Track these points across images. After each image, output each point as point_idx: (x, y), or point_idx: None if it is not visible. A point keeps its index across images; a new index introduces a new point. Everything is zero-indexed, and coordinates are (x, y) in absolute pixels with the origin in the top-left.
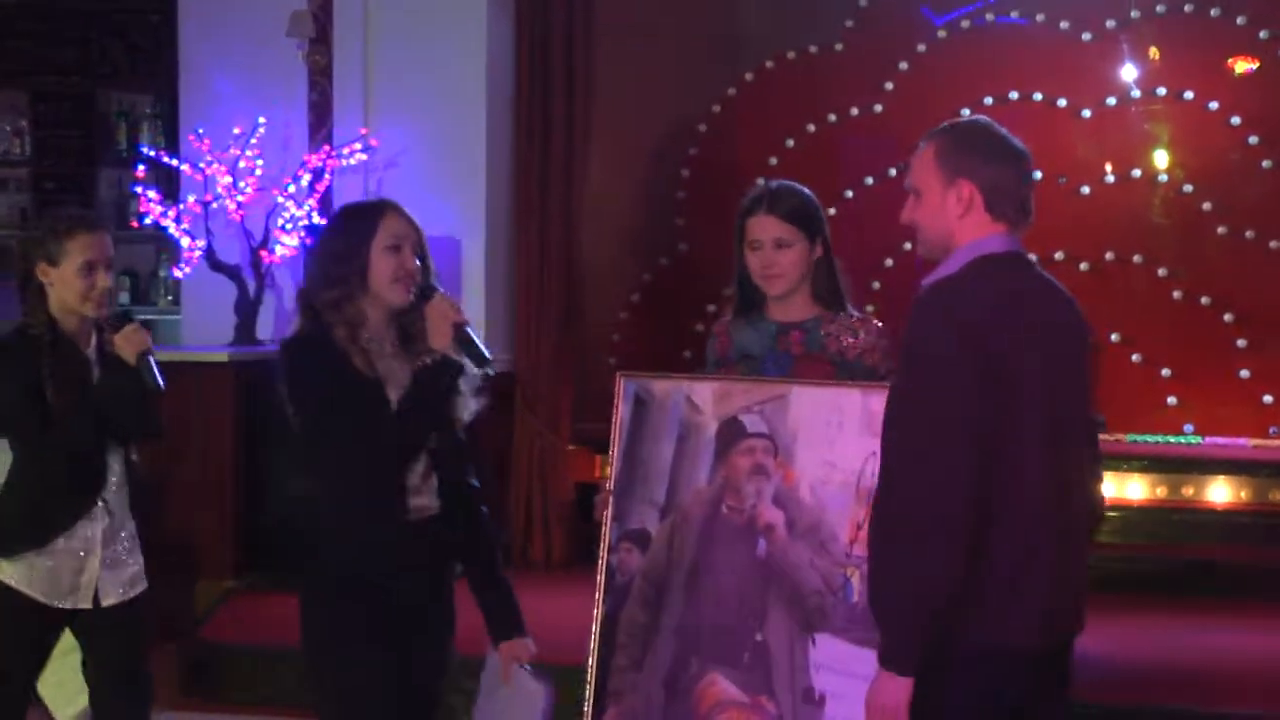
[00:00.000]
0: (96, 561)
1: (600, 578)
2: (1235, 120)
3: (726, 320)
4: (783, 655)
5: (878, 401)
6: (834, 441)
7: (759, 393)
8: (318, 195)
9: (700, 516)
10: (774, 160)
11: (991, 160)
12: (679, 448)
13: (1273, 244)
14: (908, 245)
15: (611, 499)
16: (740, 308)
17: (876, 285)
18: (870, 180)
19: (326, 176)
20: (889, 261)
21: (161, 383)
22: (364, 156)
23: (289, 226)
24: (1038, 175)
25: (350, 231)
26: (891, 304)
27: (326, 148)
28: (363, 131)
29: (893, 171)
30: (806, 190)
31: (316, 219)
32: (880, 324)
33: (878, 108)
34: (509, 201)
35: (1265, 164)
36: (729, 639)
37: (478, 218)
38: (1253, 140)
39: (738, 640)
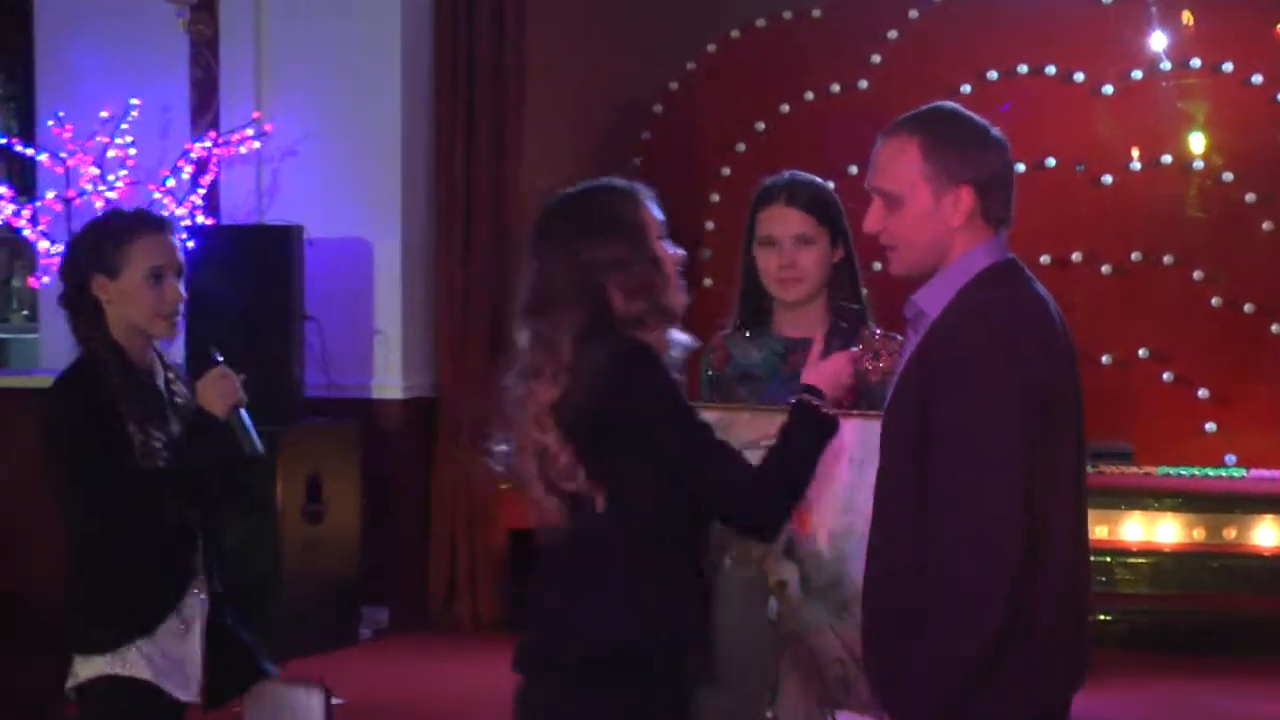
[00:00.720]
0: (198, 644)
1: None
2: None
3: (725, 333)
4: None
5: None
6: (857, 484)
7: (765, 424)
8: (202, 190)
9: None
10: (741, 146)
11: (984, 156)
12: None
13: None
14: (876, 266)
15: None
16: (743, 319)
17: (863, 292)
18: (855, 169)
19: (212, 168)
20: (877, 265)
21: (260, 446)
22: (256, 144)
23: None
24: (1051, 162)
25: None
26: (881, 314)
27: (212, 134)
28: (255, 115)
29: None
30: (825, 183)
31: (201, 218)
32: (900, 337)
33: (863, 84)
34: (429, 197)
35: None
36: (735, 718)
37: (392, 216)
38: None
39: (746, 717)
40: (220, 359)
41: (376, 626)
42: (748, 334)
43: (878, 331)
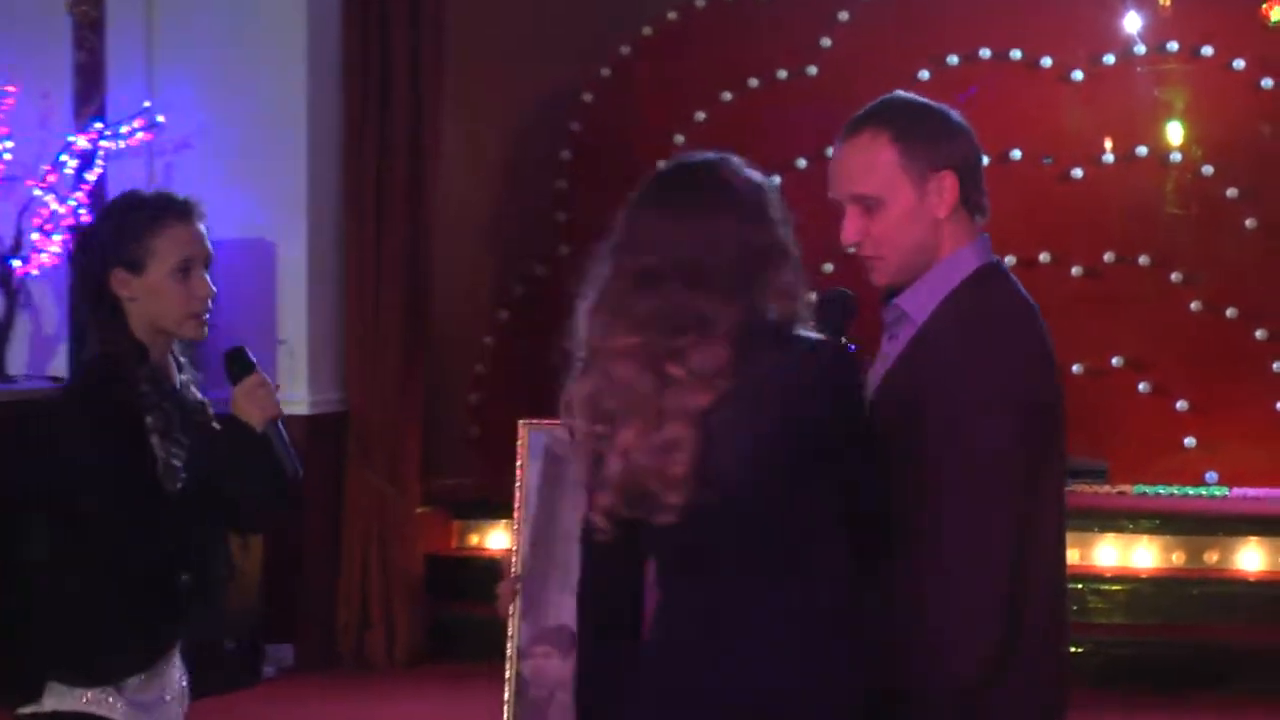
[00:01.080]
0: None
1: (507, 693)
2: (1266, 83)
3: None
4: None
5: None
6: None
7: None
8: (86, 187)
9: None
10: (680, 138)
11: (955, 140)
12: None
13: None
14: (853, 248)
15: (520, 588)
16: None
17: (812, 297)
18: (803, 162)
19: (98, 162)
20: (829, 267)
21: (299, 466)
22: (147, 136)
23: (49, 227)
24: (1016, 154)
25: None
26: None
27: (98, 125)
28: (146, 104)
29: (831, 151)
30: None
31: (86, 216)
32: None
33: (812, 70)
34: (338, 195)
35: None
36: None
37: (297, 215)
38: None
39: None
40: (256, 363)
41: (281, 664)
42: None
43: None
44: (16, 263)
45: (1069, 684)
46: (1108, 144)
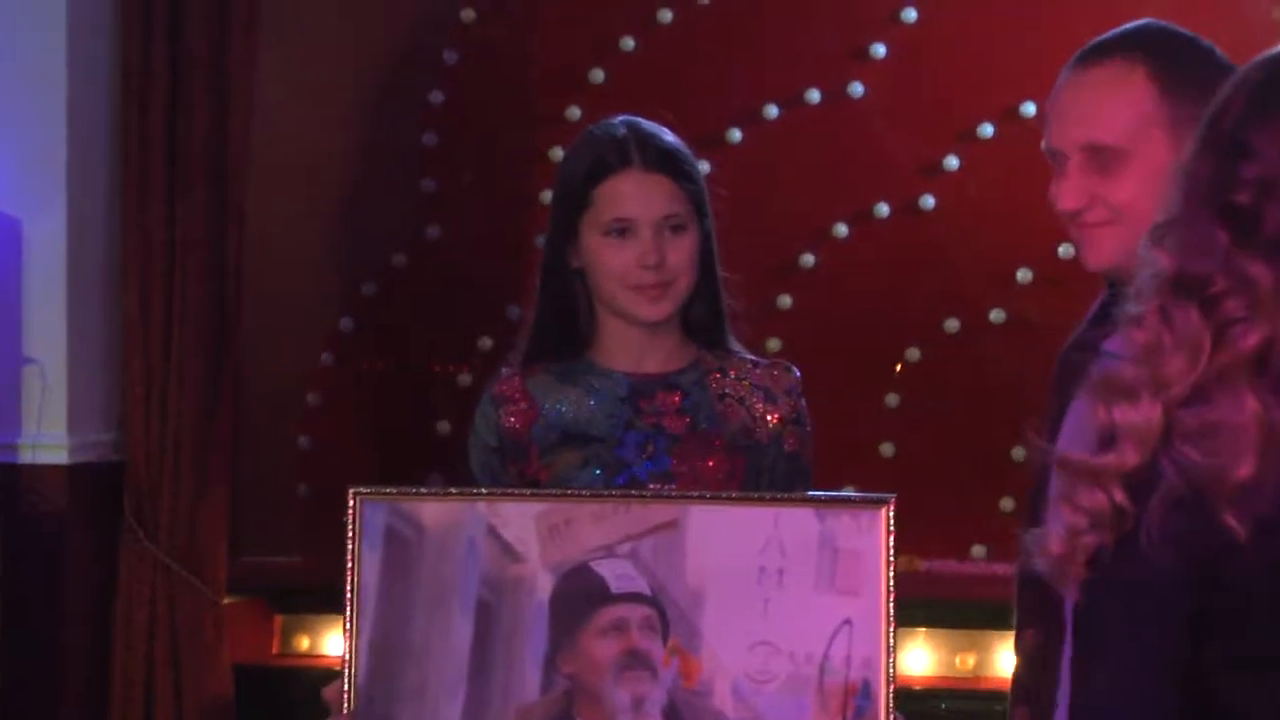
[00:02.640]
0: None
1: None
2: None
3: (515, 373)
4: None
5: (849, 531)
6: (771, 604)
7: (626, 519)
8: None
9: None
10: (599, 74)
11: (1225, 81)
12: (483, 627)
13: None
14: (842, 229)
15: None
16: (543, 348)
17: (786, 302)
18: (773, 111)
19: None
20: (809, 258)
21: None
22: None
23: None
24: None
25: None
26: (816, 339)
27: None
28: None
29: (814, 95)
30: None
31: None
32: (798, 372)
33: None
34: (109, 163)
35: None
36: None
37: (53, 186)
38: None
39: None
40: None
41: None
42: (557, 374)
43: (750, 356)
44: None
45: None
46: None
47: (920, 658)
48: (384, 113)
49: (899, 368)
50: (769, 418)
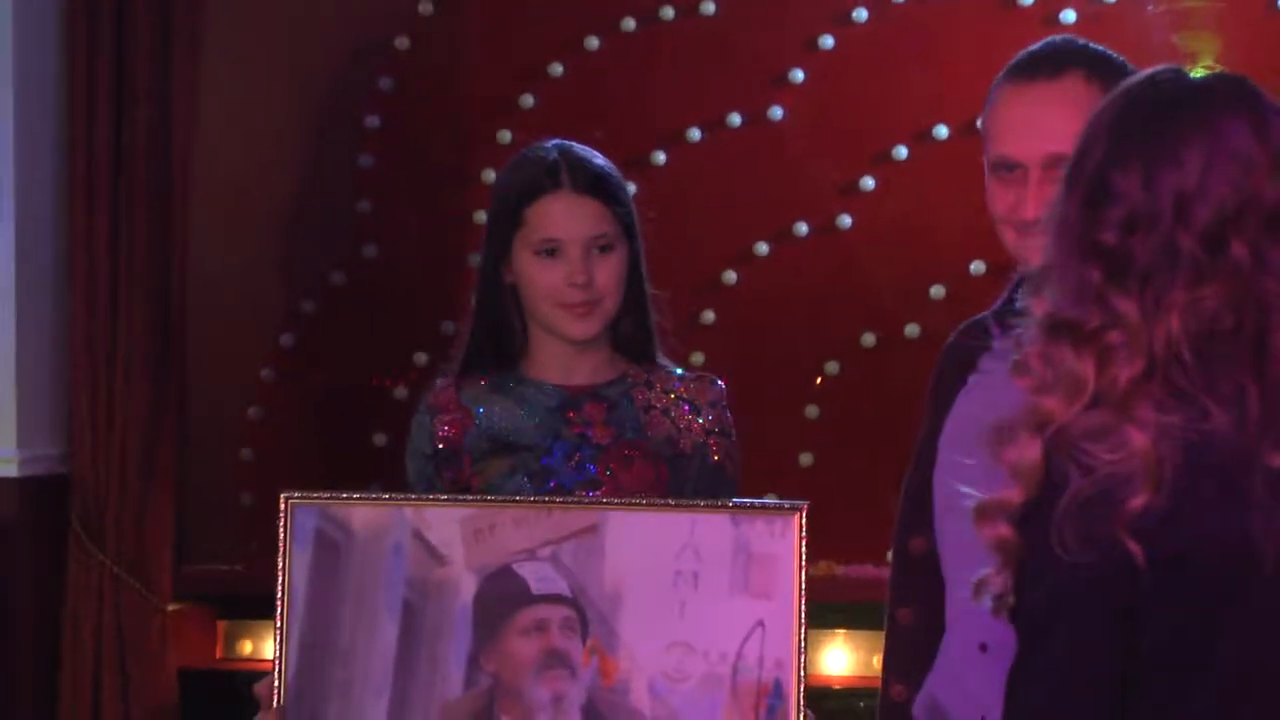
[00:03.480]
0: None
1: None
2: None
3: (449, 384)
4: None
5: (762, 536)
6: (687, 606)
7: (548, 523)
8: None
9: None
10: (529, 99)
11: None
12: (409, 627)
13: None
14: (763, 247)
15: None
16: (477, 360)
17: (709, 318)
18: (696, 134)
19: None
20: (731, 276)
21: None
22: None
23: None
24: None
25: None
26: (737, 353)
27: None
28: None
29: (735, 118)
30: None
31: None
32: (722, 384)
33: (709, 7)
34: (57, 176)
35: None
36: None
37: (1, 199)
38: None
39: None
40: None
41: None
42: (491, 385)
43: (676, 369)
44: None
45: None
46: None
47: (839, 658)
48: (322, 136)
49: (819, 381)
50: (693, 429)
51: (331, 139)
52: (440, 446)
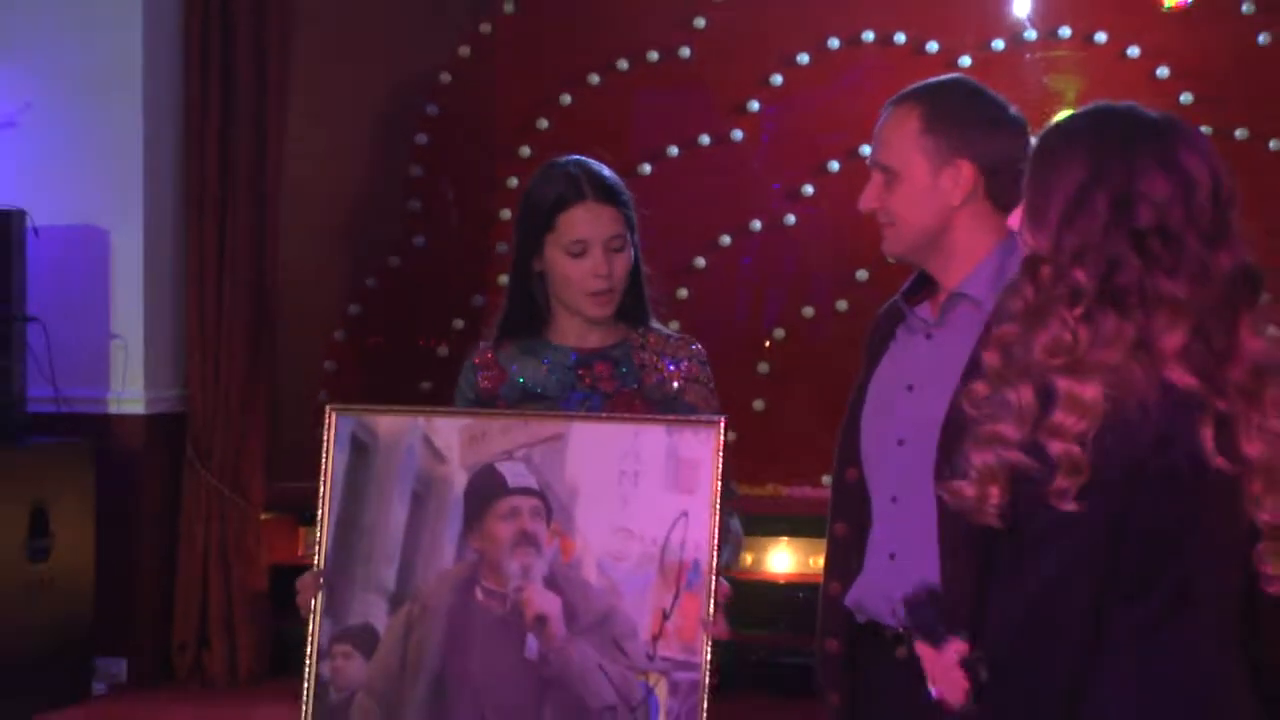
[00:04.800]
0: None
1: (306, 694)
2: (1162, 72)
3: (490, 347)
4: None
5: (689, 444)
6: (629, 499)
7: (524, 432)
8: None
9: (447, 607)
10: (544, 123)
11: (994, 134)
12: (415, 511)
13: None
14: (726, 239)
15: (322, 584)
16: (511, 329)
17: (683, 294)
18: (675, 151)
19: None
20: (701, 261)
21: None
22: None
23: None
24: None
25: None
26: (706, 322)
27: None
28: None
29: (705, 139)
30: None
31: None
32: (699, 346)
33: (685, 52)
34: (177, 181)
35: (1203, 130)
36: None
37: (133, 201)
38: (1185, 98)
39: None
40: None
41: (112, 680)
42: (521, 347)
43: (666, 331)
44: None
45: None
46: None
47: (783, 559)
48: (382, 151)
49: (768, 344)
50: (675, 378)
51: (389, 153)
52: (481, 395)
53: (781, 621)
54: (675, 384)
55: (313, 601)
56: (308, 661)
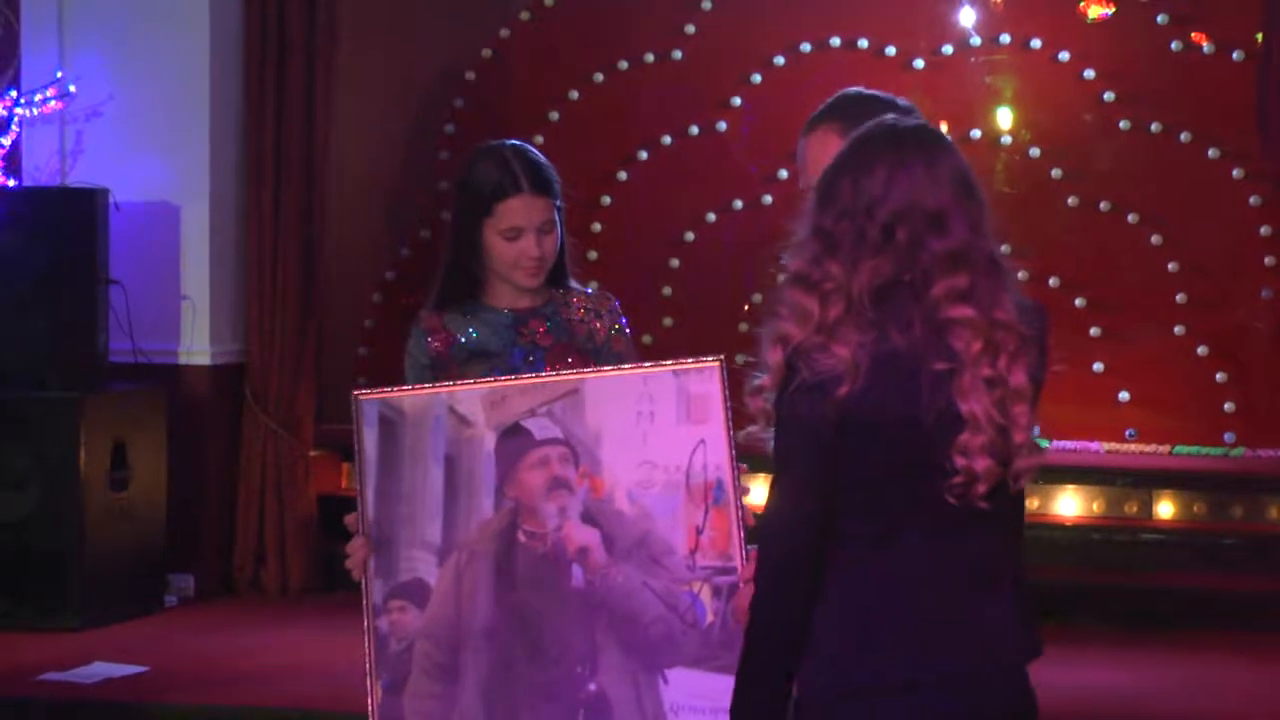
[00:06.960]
0: None
1: (369, 648)
2: (1089, 74)
3: (433, 313)
4: (627, 705)
5: (695, 382)
6: (648, 435)
7: (542, 391)
8: (2, 151)
9: (492, 552)
10: (555, 115)
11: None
12: (450, 472)
13: (1131, 217)
14: (711, 216)
15: (370, 552)
16: (450, 296)
17: (675, 264)
18: (668, 139)
19: (13, 129)
20: (690, 235)
21: None
22: (59, 105)
23: None
24: None
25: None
26: (694, 288)
27: (13, 94)
28: (58, 74)
29: (694, 129)
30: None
31: (1, 179)
32: (618, 302)
33: (677, 54)
34: (238, 161)
35: (1123, 124)
36: (555, 698)
37: (200, 179)
38: (1108, 97)
39: (566, 697)
40: None
41: (183, 594)
42: (462, 312)
43: (583, 289)
44: None
45: None
46: (944, 127)
47: (760, 494)
48: (414, 136)
49: (747, 307)
50: (600, 330)
51: (421, 139)
52: (433, 357)
53: None
54: (601, 335)
55: (366, 563)
56: (366, 621)
